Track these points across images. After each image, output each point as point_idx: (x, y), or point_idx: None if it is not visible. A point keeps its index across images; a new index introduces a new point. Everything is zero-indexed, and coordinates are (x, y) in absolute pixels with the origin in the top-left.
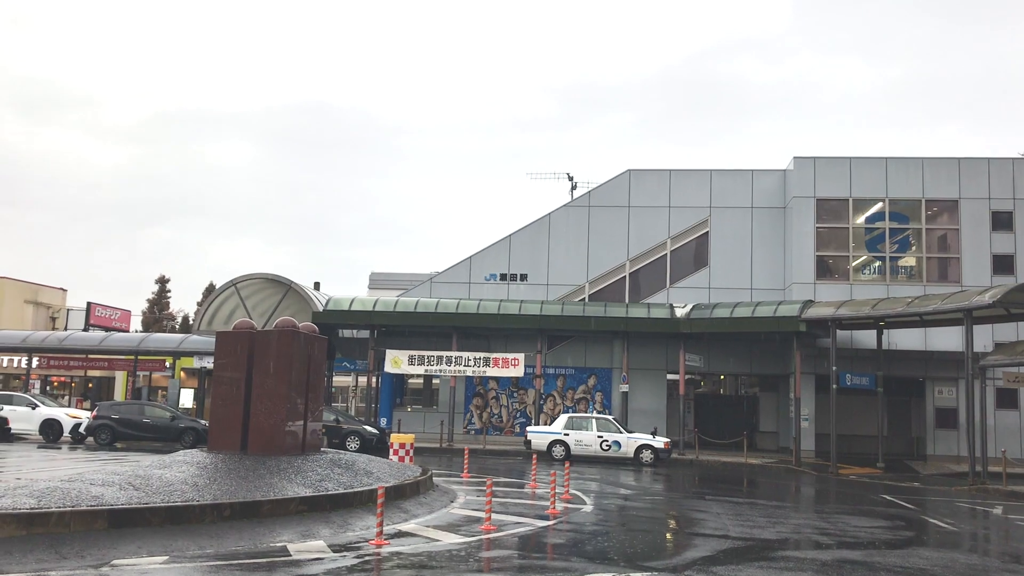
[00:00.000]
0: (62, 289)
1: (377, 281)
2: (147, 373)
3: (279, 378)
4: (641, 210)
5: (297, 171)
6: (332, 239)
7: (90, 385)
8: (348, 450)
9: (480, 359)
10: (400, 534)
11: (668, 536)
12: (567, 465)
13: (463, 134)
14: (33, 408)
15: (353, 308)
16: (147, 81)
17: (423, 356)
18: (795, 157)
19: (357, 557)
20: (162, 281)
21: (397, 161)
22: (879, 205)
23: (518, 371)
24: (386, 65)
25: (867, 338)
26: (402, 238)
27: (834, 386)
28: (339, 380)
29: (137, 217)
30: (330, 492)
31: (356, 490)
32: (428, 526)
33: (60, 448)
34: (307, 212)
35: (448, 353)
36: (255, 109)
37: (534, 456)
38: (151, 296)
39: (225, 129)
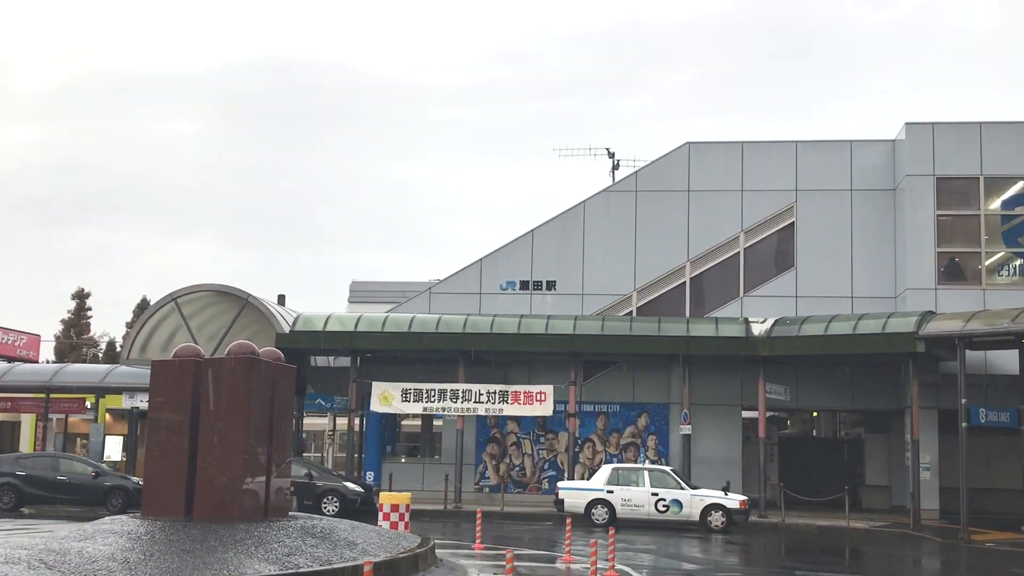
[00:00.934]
0: None
1: (361, 293)
2: (62, 416)
3: (234, 421)
4: (705, 196)
5: (258, 151)
6: (303, 239)
7: None
8: (325, 514)
9: (495, 393)
10: None
11: None
12: (611, 532)
13: (473, 101)
14: None
15: (329, 328)
16: (63, 39)
17: (420, 390)
18: (907, 123)
19: None
20: (81, 296)
21: (389, 137)
22: (1020, 184)
23: (545, 408)
24: (375, 9)
25: (1007, 361)
26: (393, 237)
27: (963, 424)
28: (312, 423)
29: (50, 213)
30: (302, 570)
31: (336, 567)
32: None
33: None
34: (271, 205)
35: (453, 386)
36: (204, 71)
37: (568, 520)
38: (67, 316)
39: (165, 99)
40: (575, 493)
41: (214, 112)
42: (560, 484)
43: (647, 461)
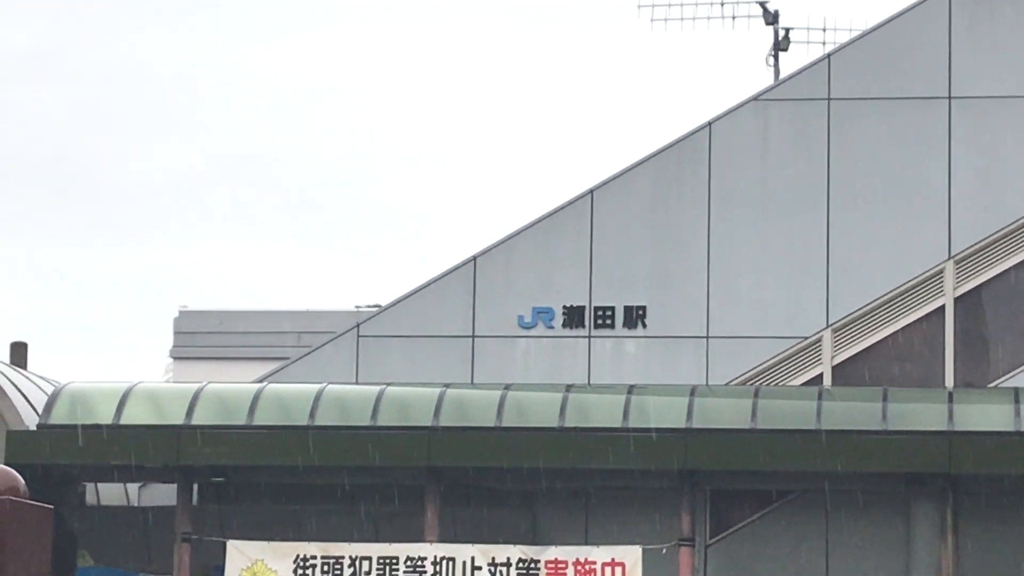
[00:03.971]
0: None
1: (198, 337)
2: None
3: None
4: (985, 109)
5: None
6: (66, 219)
7: None
8: None
9: (512, 565)
10: None
11: None
12: None
13: None
14: None
15: (128, 419)
16: None
17: (337, 560)
18: None
19: None
20: None
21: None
22: None
23: None
24: None
25: None
26: (266, 213)
27: None
28: None
29: None
30: None
31: None
32: None
33: None
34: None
35: (413, 548)
36: None
37: None
38: None
39: None
40: None
41: None
42: None
43: None
